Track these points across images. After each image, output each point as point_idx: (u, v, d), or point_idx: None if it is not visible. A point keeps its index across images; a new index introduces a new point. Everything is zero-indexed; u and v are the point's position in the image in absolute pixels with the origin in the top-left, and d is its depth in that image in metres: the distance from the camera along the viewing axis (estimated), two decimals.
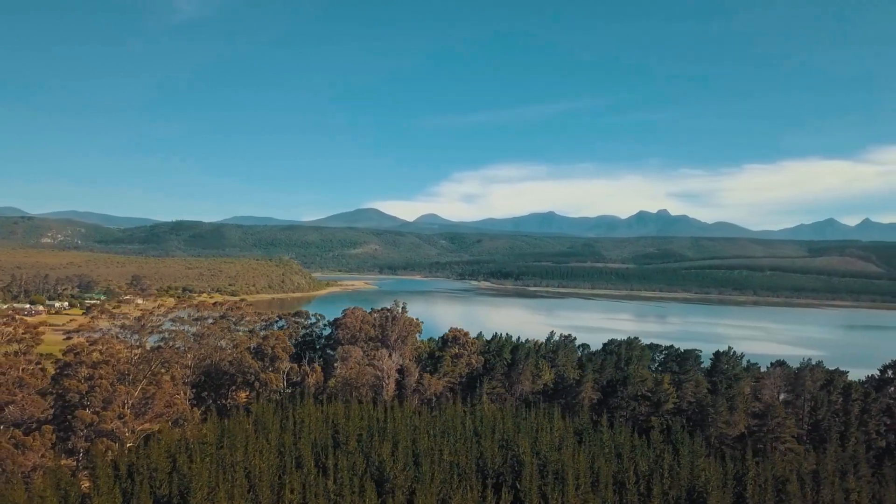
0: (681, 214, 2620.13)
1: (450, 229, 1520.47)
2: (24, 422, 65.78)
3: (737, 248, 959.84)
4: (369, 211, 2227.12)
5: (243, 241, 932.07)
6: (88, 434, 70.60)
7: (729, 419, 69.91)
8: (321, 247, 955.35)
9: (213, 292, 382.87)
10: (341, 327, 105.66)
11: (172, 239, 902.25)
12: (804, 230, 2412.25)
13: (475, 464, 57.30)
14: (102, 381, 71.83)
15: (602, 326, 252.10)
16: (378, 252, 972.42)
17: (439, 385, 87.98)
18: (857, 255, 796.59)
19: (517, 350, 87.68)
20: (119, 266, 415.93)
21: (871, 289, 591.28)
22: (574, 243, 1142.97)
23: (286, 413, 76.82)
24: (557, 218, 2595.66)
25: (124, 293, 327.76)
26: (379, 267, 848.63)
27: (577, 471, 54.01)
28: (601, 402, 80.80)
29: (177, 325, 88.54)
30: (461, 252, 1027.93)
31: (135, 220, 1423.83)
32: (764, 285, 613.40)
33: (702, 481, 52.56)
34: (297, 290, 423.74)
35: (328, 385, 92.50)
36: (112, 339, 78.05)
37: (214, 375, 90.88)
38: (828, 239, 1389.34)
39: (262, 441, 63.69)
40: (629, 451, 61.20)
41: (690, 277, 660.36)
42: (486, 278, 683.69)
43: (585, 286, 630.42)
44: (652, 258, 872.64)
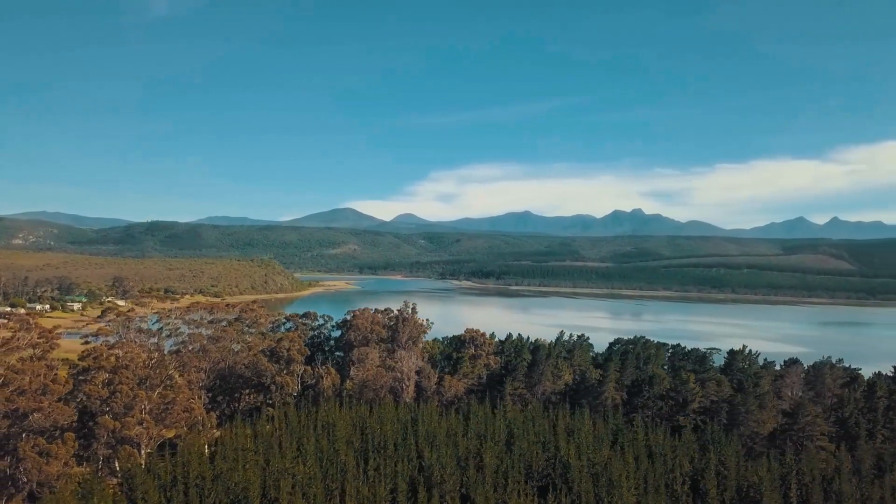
0: (655, 213, 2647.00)
1: (427, 229, 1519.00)
2: (47, 429, 63.80)
3: (712, 247, 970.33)
4: (346, 211, 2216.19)
5: (220, 242, 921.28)
6: (109, 441, 68.91)
7: (759, 417, 70.22)
8: (299, 247, 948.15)
9: (195, 293, 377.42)
10: (352, 329, 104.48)
11: (148, 239, 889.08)
12: (775, 228, 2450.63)
13: (520, 466, 56.72)
14: (123, 387, 70.12)
15: (595, 326, 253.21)
16: (357, 252, 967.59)
17: (460, 386, 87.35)
18: (830, 253, 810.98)
19: (537, 350, 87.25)
20: (98, 267, 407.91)
21: (846, 286, 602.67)
22: (551, 242, 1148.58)
23: (311, 417, 75.63)
24: (533, 217, 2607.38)
25: (106, 295, 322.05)
26: (359, 267, 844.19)
27: (627, 473, 53.72)
28: (625, 402, 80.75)
29: (191, 327, 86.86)
30: (440, 251, 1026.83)
31: (107, 221, 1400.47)
32: (741, 283, 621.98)
33: (754, 481, 52.58)
34: (280, 291, 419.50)
35: (345, 387, 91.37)
36: (131, 343, 76.26)
37: (229, 379, 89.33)
38: (798, 237, 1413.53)
39: (294, 446, 62.53)
40: (670, 452, 61.06)
41: (670, 276, 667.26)
42: (468, 278, 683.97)
43: (566, 285, 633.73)
44: (630, 257, 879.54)
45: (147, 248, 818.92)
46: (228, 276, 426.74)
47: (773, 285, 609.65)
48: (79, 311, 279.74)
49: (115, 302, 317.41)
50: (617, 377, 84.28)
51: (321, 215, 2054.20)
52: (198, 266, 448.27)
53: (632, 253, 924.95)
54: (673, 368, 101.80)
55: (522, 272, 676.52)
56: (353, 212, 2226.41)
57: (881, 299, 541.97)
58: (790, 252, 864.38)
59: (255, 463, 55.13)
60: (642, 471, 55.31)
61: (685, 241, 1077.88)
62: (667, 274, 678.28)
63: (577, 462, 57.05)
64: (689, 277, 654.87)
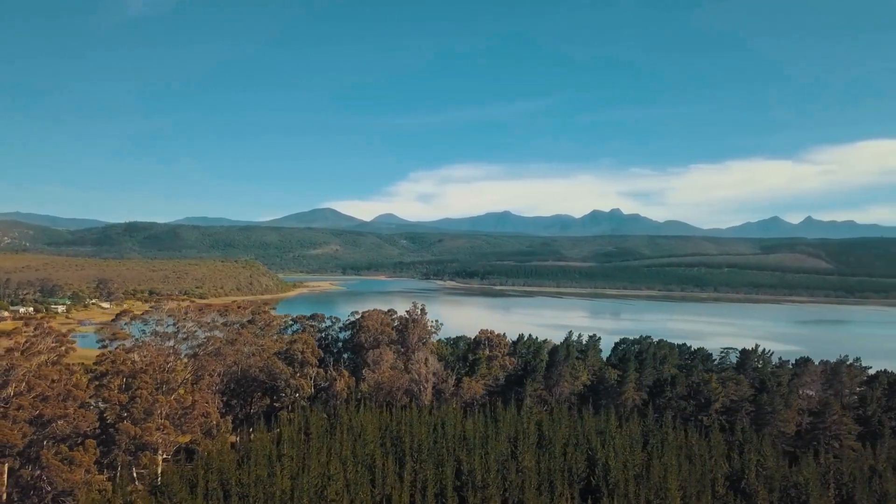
0: (633, 213, 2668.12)
1: (408, 229, 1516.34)
2: (69, 436, 62.17)
3: (691, 246, 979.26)
4: (326, 211, 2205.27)
5: (201, 243, 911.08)
6: (128, 447, 67.42)
7: (785, 417, 70.48)
8: (280, 247, 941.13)
9: (180, 295, 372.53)
10: (363, 330, 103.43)
11: (126, 240, 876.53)
12: (751, 228, 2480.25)
13: (563, 469, 56.21)
14: (142, 392, 68.64)
15: (590, 325, 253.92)
16: (339, 252, 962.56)
17: (479, 388, 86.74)
18: (807, 253, 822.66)
19: (556, 351, 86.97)
20: (79, 269, 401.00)
21: (824, 284, 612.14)
22: (532, 242, 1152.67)
23: (333, 420, 74.62)
24: (513, 217, 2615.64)
25: (90, 297, 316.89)
26: (341, 268, 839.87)
27: (664, 474, 53.43)
28: (646, 403, 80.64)
29: (204, 329, 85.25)
30: (422, 252, 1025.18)
31: (82, 222, 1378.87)
32: (723, 282, 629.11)
33: (798, 481, 52.59)
34: (265, 292, 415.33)
35: (360, 390, 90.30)
36: (149, 346, 74.68)
37: (242, 382, 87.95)
38: (773, 237, 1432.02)
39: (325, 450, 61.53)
40: (705, 452, 60.95)
41: (652, 275, 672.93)
42: (452, 278, 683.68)
43: (550, 285, 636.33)
44: (611, 257, 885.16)
45: (126, 249, 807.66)
46: (213, 277, 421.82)
47: (753, 284, 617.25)
48: (63, 313, 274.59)
49: (100, 304, 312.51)
50: (636, 377, 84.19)
51: (301, 215, 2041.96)
52: (181, 267, 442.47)
53: (613, 253, 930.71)
54: (679, 368, 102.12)
55: (506, 272, 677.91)
56: (332, 212, 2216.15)
57: (859, 297, 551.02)
58: (768, 251, 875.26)
59: (297, 468, 54.08)
60: (683, 472, 55.12)
61: (664, 240, 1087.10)
62: (649, 273, 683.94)
63: (615, 463, 56.74)
64: (672, 277, 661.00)
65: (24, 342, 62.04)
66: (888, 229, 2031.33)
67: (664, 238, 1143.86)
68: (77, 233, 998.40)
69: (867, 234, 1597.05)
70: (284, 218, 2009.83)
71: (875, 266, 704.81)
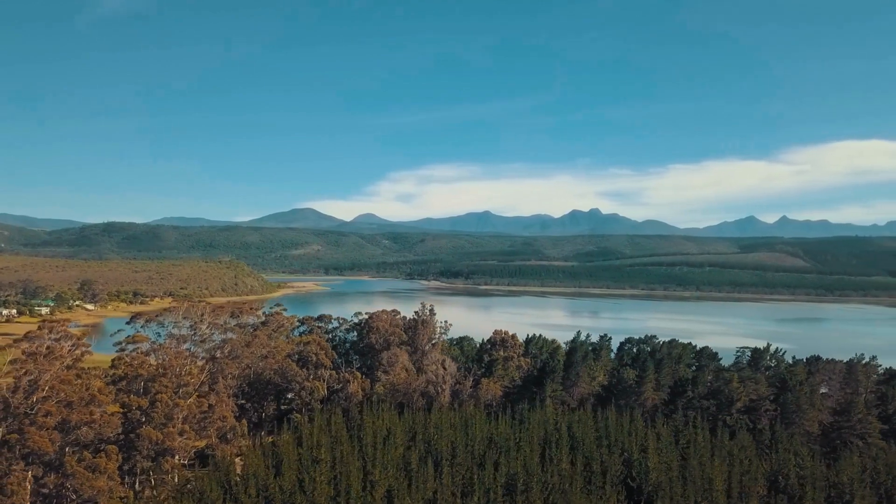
0: (612, 213, 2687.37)
1: (389, 229, 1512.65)
2: (92, 442, 60.58)
3: (671, 246, 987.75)
4: (306, 211, 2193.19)
5: (181, 243, 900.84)
6: (149, 453, 65.99)
7: (811, 416, 70.65)
8: (262, 248, 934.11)
9: (165, 296, 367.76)
10: (373, 331, 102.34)
11: (105, 241, 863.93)
12: (728, 227, 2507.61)
13: (600, 471, 55.68)
14: (162, 396, 67.20)
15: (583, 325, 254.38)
16: (321, 252, 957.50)
17: (497, 389, 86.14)
18: (786, 251, 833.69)
19: (573, 351, 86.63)
20: (60, 270, 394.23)
21: (804, 283, 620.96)
22: (514, 242, 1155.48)
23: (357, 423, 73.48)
24: (493, 217, 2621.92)
25: (74, 299, 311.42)
26: (324, 268, 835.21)
27: (717, 475, 53.13)
28: (668, 403, 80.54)
29: (219, 331, 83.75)
30: (405, 252, 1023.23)
31: (59, 222, 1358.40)
32: (705, 281, 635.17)
33: (842, 481, 52.55)
34: (251, 293, 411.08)
35: (375, 391, 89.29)
36: (168, 349, 73.12)
37: (256, 385, 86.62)
38: (750, 235, 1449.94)
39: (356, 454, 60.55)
40: (740, 453, 60.77)
41: (635, 274, 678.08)
42: (437, 277, 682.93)
43: (535, 284, 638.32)
44: (593, 256, 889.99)
45: (104, 249, 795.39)
46: (197, 278, 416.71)
47: (735, 283, 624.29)
48: (48, 315, 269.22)
49: (84, 306, 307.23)
50: (655, 377, 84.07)
51: (281, 215, 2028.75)
52: (164, 268, 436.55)
53: (594, 252, 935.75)
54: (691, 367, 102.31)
55: (490, 272, 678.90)
56: (312, 212, 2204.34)
57: (838, 295, 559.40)
58: (747, 250, 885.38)
59: (336, 474, 53.02)
60: (724, 473, 54.82)
61: (644, 239, 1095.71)
62: (632, 273, 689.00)
63: (654, 464, 56.36)
64: (655, 276, 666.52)
65: (45, 346, 60.23)
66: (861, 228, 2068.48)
67: (643, 237, 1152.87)
68: (54, 233, 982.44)
69: (841, 233, 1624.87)
70: (264, 218, 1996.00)
71: (852, 264, 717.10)
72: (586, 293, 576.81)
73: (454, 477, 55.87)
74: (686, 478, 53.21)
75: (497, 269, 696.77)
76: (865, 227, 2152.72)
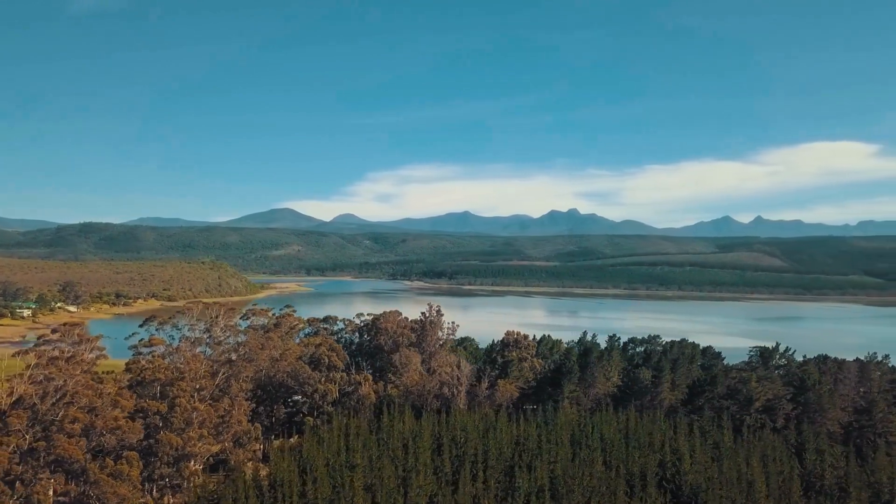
0: (590, 213, 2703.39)
1: (369, 229, 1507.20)
2: (114, 449, 59.05)
3: (650, 245, 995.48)
4: (284, 211, 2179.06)
5: (159, 244, 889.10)
6: (169, 458, 64.56)
7: (834, 416, 71.05)
8: (242, 248, 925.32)
9: (148, 298, 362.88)
10: (381, 333, 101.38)
11: (81, 242, 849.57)
12: (704, 227, 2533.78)
13: (639, 473, 55.34)
14: (181, 400, 65.80)
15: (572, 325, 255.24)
16: (301, 253, 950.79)
17: (514, 390, 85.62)
18: (763, 251, 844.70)
19: (588, 352, 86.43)
20: (39, 271, 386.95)
21: (782, 282, 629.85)
22: (495, 242, 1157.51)
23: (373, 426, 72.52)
24: (473, 217, 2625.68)
25: (56, 301, 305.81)
26: (305, 268, 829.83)
27: (758, 476, 53.02)
28: (686, 402, 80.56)
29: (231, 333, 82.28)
30: (386, 252, 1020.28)
31: (32, 223, 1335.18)
32: (686, 280, 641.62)
33: (883, 480, 52.74)
34: (234, 294, 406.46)
35: (388, 394, 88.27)
36: (185, 352, 71.60)
37: (268, 388, 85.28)
38: (726, 235, 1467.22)
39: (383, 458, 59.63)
40: (772, 453, 60.81)
41: (617, 274, 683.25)
42: (420, 278, 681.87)
43: (519, 284, 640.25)
44: (574, 256, 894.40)
45: (81, 250, 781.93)
46: (180, 279, 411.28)
47: (715, 282, 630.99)
48: (30, 317, 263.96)
49: (67, 308, 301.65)
50: (671, 377, 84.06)
51: (259, 216, 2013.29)
52: (146, 269, 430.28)
53: (575, 252, 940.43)
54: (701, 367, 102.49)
55: (474, 272, 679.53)
56: (291, 212, 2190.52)
57: (816, 294, 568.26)
58: (726, 250, 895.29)
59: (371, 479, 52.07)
60: (761, 473, 54.74)
61: (623, 239, 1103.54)
62: (614, 272, 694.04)
63: (690, 466, 56.15)
64: (636, 275, 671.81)
65: (67, 350, 58.62)
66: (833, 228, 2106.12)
67: (622, 237, 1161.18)
68: (28, 234, 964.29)
69: (814, 232, 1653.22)
70: (242, 218, 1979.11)
71: (827, 264, 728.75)
72: (570, 293, 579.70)
73: (488, 481, 55.27)
74: (725, 479, 53.08)
75: (480, 269, 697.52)
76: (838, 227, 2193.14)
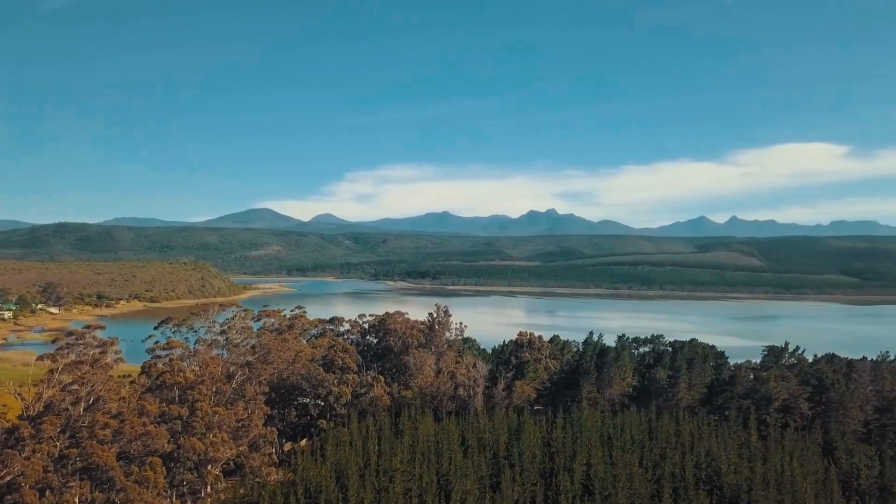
0: (568, 213, 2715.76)
1: (349, 229, 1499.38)
2: (138, 455, 57.52)
3: (629, 245, 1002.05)
4: (263, 211, 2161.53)
5: (136, 244, 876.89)
6: (192, 464, 63.13)
7: (855, 415, 71.43)
8: (221, 249, 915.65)
9: (131, 299, 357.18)
10: (390, 333, 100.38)
11: (57, 242, 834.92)
12: (680, 227, 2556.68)
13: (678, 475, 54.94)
14: (202, 404, 64.39)
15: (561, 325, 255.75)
16: (281, 253, 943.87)
17: (532, 391, 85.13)
18: (741, 251, 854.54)
19: (605, 352, 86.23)
20: (16, 272, 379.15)
21: (761, 281, 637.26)
22: (475, 242, 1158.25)
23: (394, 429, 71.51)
24: (452, 217, 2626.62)
25: (37, 302, 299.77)
26: (286, 269, 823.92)
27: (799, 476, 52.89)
28: (705, 402, 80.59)
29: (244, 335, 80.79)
30: (367, 252, 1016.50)
31: (5, 223, 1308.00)
32: (667, 280, 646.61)
33: None
34: (217, 295, 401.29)
35: (403, 396, 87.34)
36: (203, 354, 70.06)
37: (282, 390, 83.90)
38: (702, 235, 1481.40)
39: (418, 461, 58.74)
40: (804, 453, 60.81)
41: (598, 274, 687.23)
42: (403, 278, 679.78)
43: (502, 284, 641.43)
44: (555, 256, 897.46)
45: (56, 251, 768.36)
46: (162, 279, 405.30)
47: (695, 282, 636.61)
48: (11, 319, 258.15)
49: (48, 309, 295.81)
50: (688, 377, 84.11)
51: (237, 216, 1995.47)
52: (127, 269, 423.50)
53: (555, 252, 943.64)
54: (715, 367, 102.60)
55: (456, 272, 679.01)
56: (269, 212, 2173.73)
57: (795, 294, 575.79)
58: (704, 250, 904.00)
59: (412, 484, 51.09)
60: (801, 474, 54.66)
61: (602, 239, 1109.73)
62: (595, 272, 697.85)
63: (728, 467, 55.93)
64: (618, 275, 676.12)
65: (91, 354, 56.92)
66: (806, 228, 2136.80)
67: (601, 237, 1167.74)
68: (1, 234, 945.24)
69: (787, 232, 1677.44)
70: (220, 218, 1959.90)
71: (804, 263, 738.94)
72: (553, 293, 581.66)
73: (525, 483, 54.59)
74: (765, 480, 52.83)
75: (463, 269, 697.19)
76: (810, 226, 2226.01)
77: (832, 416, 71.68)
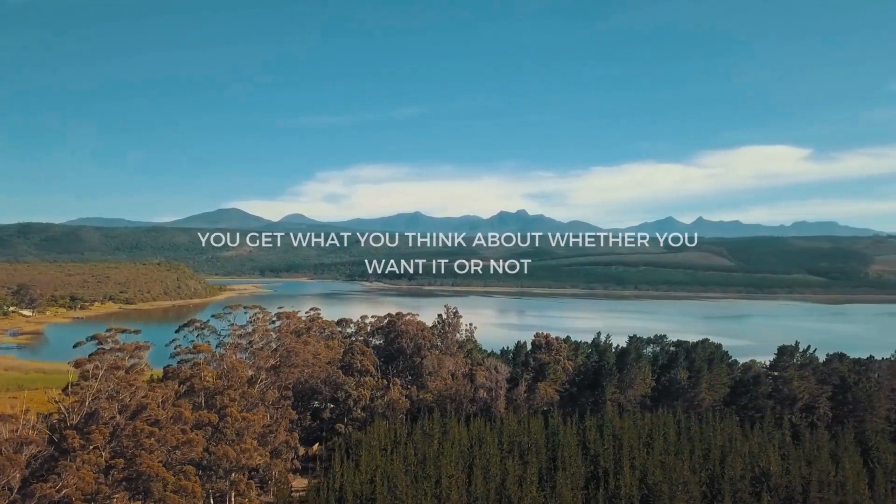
0: (538, 214, 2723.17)
1: (320, 229, 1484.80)
2: (176, 463, 55.51)
3: (602, 245, 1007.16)
4: (231, 211, 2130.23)
5: (104, 245, 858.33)
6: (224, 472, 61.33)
7: (881, 413, 72.12)
8: (191, 249, 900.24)
9: (105, 300, 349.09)
10: (402, 335, 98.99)
11: (21, 243, 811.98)
12: (648, 227, 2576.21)
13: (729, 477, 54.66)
14: (231, 410, 62.58)
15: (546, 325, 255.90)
16: (253, 254, 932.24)
17: (554, 393, 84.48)
18: (711, 251, 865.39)
19: (625, 353, 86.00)
20: None
21: (733, 281, 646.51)
22: (449, 242, 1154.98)
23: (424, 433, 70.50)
24: (423, 218, 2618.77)
25: (9, 304, 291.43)
26: (259, 269, 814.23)
27: (853, 478, 53.00)
28: (728, 402, 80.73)
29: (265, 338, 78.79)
30: (340, 253, 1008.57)
31: None
32: (641, 280, 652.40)
33: None
34: (194, 296, 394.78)
35: (423, 399, 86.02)
36: (229, 358, 68.03)
37: (301, 394, 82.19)
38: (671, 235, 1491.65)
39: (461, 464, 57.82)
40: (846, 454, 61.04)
41: (573, 274, 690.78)
42: (378, 279, 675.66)
43: (478, 284, 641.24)
44: (529, 256, 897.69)
45: (20, 252, 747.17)
46: (137, 281, 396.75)
47: (669, 282, 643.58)
48: None
49: (21, 312, 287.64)
50: (708, 377, 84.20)
51: (206, 216, 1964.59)
52: (100, 271, 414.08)
53: (529, 252, 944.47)
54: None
55: (432, 272, 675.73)
56: (238, 212, 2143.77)
57: (767, 293, 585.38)
58: (675, 250, 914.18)
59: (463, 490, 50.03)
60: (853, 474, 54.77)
61: (575, 239, 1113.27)
62: (570, 272, 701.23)
63: (777, 468, 55.85)
64: (593, 275, 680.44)
65: (126, 361, 54.70)
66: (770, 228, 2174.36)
67: (575, 237, 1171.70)
68: None
69: (752, 233, 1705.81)
70: (189, 218, 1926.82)
71: (772, 263, 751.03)
72: (530, 293, 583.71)
73: (574, 488, 53.86)
74: (822, 481, 52.82)
75: (438, 269, 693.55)
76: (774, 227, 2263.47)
77: (861, 415, 72.13)
